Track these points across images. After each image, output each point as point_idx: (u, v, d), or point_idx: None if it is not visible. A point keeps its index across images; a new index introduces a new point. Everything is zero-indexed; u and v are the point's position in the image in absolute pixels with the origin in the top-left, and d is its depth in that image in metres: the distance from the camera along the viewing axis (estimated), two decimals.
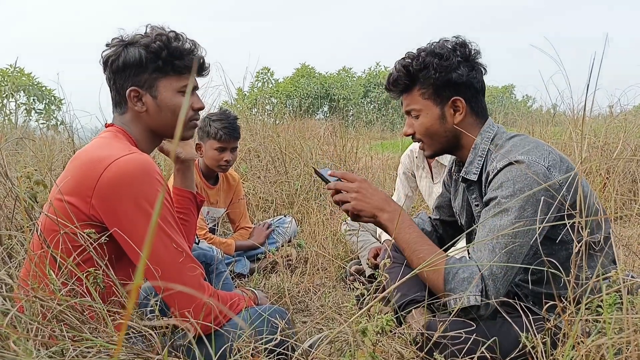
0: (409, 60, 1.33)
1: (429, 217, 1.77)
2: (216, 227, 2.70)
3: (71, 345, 0.81)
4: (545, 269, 1.11)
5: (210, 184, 2.55)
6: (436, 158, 2.44)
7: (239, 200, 2.69)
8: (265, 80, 18.66)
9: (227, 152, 2.37)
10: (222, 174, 2.59)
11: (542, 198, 1.13)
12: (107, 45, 1.20)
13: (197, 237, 2.26)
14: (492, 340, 1.09)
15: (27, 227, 1.04)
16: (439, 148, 1.39)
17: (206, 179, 2.52)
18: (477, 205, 1.40)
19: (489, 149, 1.32)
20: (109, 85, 1.22)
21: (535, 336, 1.01)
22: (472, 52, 1.33)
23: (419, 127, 1.36)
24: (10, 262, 0.87)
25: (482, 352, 1.07)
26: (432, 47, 1.33)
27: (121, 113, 1.22)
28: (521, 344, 1.04)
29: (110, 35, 1.20)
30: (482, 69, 1.36)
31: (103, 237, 1.02)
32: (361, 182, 1.30)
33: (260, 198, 3.66)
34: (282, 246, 2.68)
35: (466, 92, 1.32)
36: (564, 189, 1.14)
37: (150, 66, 1.16)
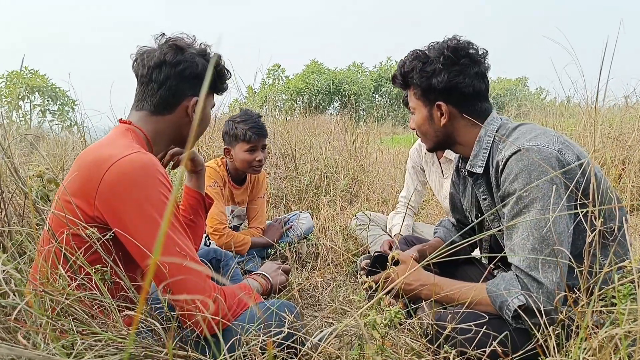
0: (403, 61, 1.39)
1: (452, 223, 1.75)
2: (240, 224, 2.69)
3: (80, 339, 0.82)
4: (558, 259, 1.09)
5: (237, 185, 2.54)
6: (444, 154, 2.42)
7: (259, 198, 2.64)
8: (276, 77, 18.63)
9: (258, 151, 2.36)
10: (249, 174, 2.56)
11: (562, 181, 1.11)
12: (174, 46, 1.20)
13: (208, 239, 2.26)
14: (503, 335, 1.07)
15: (36, 224, 1.05)
16: (433, 144, 1.43)
17: (233, 180, 2.51)
18: (484, 199, 1.38)
19: (493, 140, 1.30)
20: (160, 83, 1.18)
21: (547, 328, 1.00)
22: (463, 56, 1.28)
23: (415, 123, 1.42)
24: (20, 258, 0.88)
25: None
26: (424, 49, 1.34)
27: (157, 113, 1.21)
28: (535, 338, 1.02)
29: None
30: (476, 73, 1.29)
31: (108, 237, 1.02)
32: (401, 267, 1.35)
33: (270, 194, 3.67)
34: (297, 242, 2.66)
35: (451, 97, 1.31)
36: (579, 172, 1.12)
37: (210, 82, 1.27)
